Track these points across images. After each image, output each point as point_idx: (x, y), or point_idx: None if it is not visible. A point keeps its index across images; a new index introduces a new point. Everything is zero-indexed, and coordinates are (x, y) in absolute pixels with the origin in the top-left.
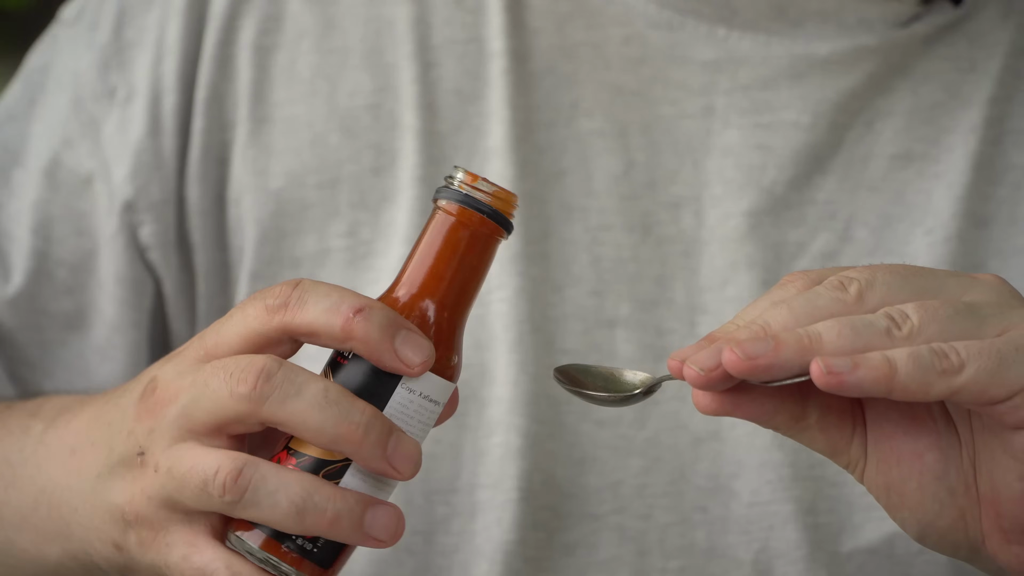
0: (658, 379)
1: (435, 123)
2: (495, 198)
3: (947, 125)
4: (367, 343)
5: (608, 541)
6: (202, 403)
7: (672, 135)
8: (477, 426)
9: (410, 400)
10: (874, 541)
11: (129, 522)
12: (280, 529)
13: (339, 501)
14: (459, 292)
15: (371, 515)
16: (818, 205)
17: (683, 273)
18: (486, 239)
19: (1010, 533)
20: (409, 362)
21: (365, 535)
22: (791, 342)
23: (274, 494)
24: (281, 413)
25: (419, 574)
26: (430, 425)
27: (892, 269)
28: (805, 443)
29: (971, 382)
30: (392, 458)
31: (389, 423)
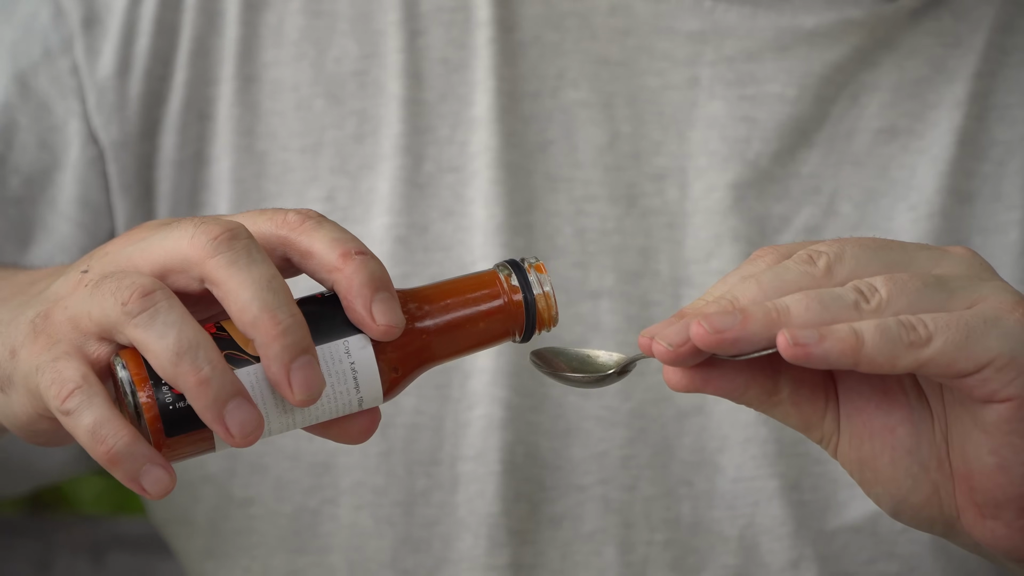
0: (631, 359)
1: (420, 92)
2: (545, 299)
3: (932, 100)
4: (350, 281)
5: (593, 513)
6: (163, 243)
7: (657, 106)
8: (460, 398)
9: (340, 360)
10: (858, 519)
11: (37, 326)
12: (155, 365)
13: (218, 370)
14: (447, 337)
15: (236, 403)
16: (802, 179)
17: (667, 245)
18: (507, 321)
19: (984, 508)
20: (376, 317)
21: (219, 417)
22: (759, 315)
23: (168, 327)
24: (222, 273)
25: (400, 546)
26: (327, 410)
27: (861, 242)
28: (778, 418)
29: (939, 355)
30: (295, 374)
31: (309, 341)
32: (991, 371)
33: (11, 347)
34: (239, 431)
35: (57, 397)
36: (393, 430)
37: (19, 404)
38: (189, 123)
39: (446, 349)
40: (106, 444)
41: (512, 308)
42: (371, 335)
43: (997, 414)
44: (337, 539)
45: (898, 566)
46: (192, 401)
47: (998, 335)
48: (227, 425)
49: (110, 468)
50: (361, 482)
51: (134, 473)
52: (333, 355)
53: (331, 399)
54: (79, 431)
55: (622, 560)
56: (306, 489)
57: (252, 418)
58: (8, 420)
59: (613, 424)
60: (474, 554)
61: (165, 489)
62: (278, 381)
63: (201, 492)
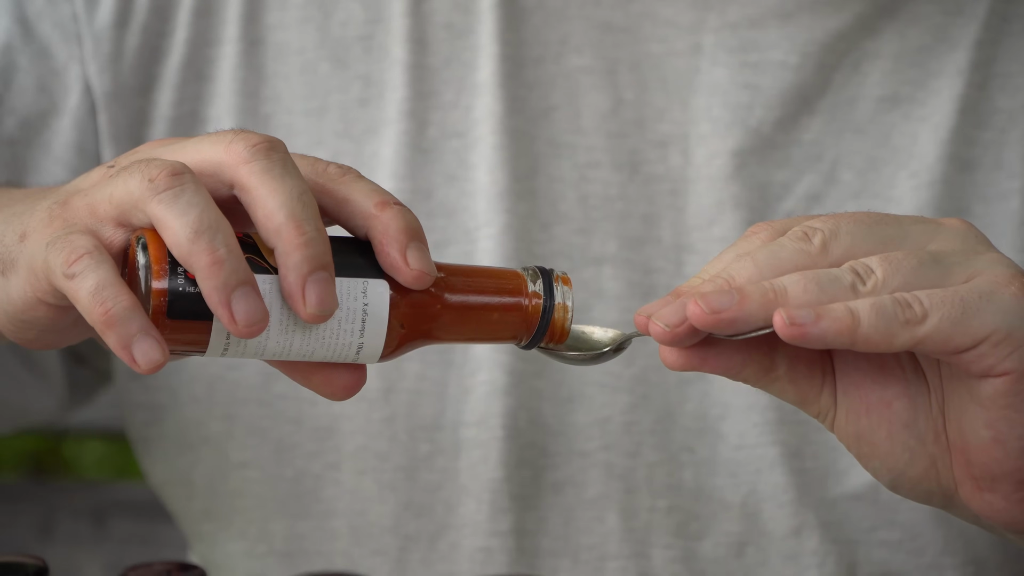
0: (627, 336)
1: (425, 57)
2: (563, 310)
3: (934, 68)
4: (387, 227)
5: (595, 479)
6: (198, 147)
7: (660, 72)
8: (463, 363)
9: (354, 298)
10: (860, 487)
11: (53, 212)
12: (171, 243)
13: (234, 256)
14: (460, 316)
15: (245, 291)
16: (804, 146)
17: (670, 212)
18: (521, 320)
19: (980, 481)
20: (410, 262)
21: (226, 301)
22: (756, 295)
23: (191, 206)
24: (255, 179)
25: (402, 511)
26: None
27: (856, 218)
28: (776, 394)
29: (935, 332)
30: (310, 286)
31: (330, 260)
32: (987, 346)
33: (22, 232)
34: (244, 319)
35: (65, 262)
36: (396, 395)
37: (17, 288)
38: (187, 81)
39: (454, 327)
40: (105, 306)
41: (530, 309)
42: (402, 279)
43: (993, 388)
44: (339, 504)
45: (899, 534)
46: (203, 282)
47: (994, 310)
48: (233, 310)
49: (105, 331)
50: (364, 447)
51: (127, 339)
52: (349, 291)
53: (333, 336)
54: (81, 293)
55: (624, 526)
56: (309, 454)
57: (258, 309)
58: (1, 306)
59: (616, 390)
60: (476, 520)
61: (154, 362)
62: (292, 292)
63: (200, 454)
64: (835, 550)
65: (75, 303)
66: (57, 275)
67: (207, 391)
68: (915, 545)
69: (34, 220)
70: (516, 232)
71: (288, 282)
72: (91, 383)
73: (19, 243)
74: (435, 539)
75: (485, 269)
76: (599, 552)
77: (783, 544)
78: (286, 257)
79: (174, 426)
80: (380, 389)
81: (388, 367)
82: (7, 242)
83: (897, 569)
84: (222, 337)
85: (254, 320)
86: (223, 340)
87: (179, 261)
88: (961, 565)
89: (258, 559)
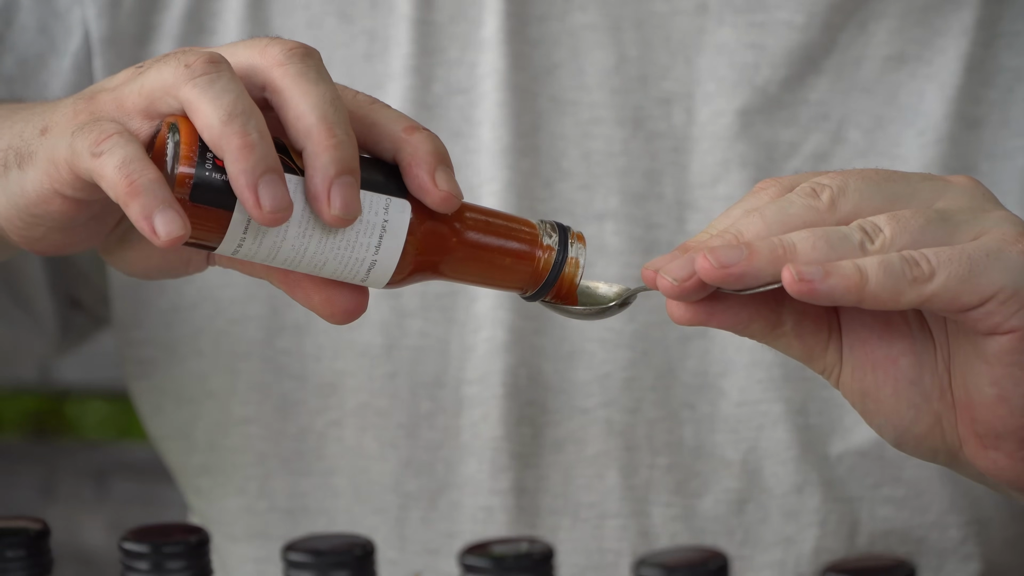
0: (633, 291)
1: (430, 13)
2: (571, 266)
3: (940, 27)
4: (416, 149)
5: (596, 436)
6: (233, 51)
7: (665, 31)
8: (465, 321)
9: (376, 213)
10: (864, 443)
11: (78, 107)
12: (203, 126)
13: (265, 141)
14: (473, 252)
15: (272, 178)
16: (811, 105)
17: (673, 169)
18: (530, 268)
19: (985, 438)
20: (439, 184)
21: (253, 184)
22: (765, 251)
23: (226, 91)
24: (288, 81)
25: (403, 469)
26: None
27: (864, 175)
28: (781, 349)
29: (942, 289)
30: (336, 189)
31: (357, 168)
32: (994, 304)
33: (43, 126)
34: (270, 204)
35: (94, 142)
36: (398, 352)
37: (34, 180)
38: (189, 34)
39: (465, 265)
40: (131, 177)
41: (542, 260)
42: (430, 200)
43: (999, 346)
44: (341, 462)
45: (904, 491)
46: (232, 164)
47: (1001, 268)
48: (259, 195)
49: (128, 202)
50: (366, 404)
51: (150, 210)
52: (372, 205)
53: (348, 247)
54: (107, 168)
55: (624, 483)
56: (312, 410)
57: (284, 197)
58: (12, 200)
59: (616, 346)
60: (477, 478)
61: (174, 234)
62: (318, 193)
63: (201, 408)
64: (837, 508)
65: (100, 180)
66: (83, 156)
67: (210, 345)
68: (919, 503)
69: (57, 115)
70: (519, 188)
71: (314, 183)
72: (84, 327)
73: (39, 136)
74: (435, 497)
75: (504, 213)
76: (599, 510)
77: (784, 501)
78: (314, 158)
79: (175, 380)
80: (382, 346)
81: (391, 323)
82: (26, 136)
83: (900, 527)
84: (239, 230)
85: (279, 207)
86: (240, 234)
87: (209, 145)
88: (965, 524)
89: (259, 515)
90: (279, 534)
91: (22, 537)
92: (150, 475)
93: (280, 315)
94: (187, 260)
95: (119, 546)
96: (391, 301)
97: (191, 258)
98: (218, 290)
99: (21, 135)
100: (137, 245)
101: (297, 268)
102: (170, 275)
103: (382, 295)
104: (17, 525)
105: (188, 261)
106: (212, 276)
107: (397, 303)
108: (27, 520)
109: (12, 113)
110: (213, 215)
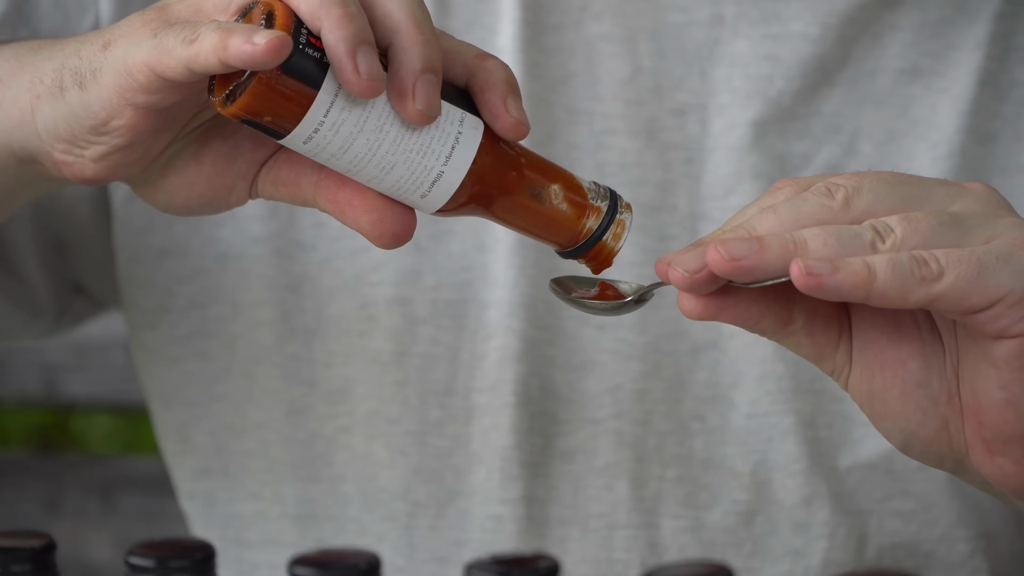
0: (649, 287)
1: (447, 20)
2: (617, 227)
3: (954, 40)
4: (489, 74)
5: (606, 447)
6: None
7: (680, 42)
8: (476, 329)
9: (452, 123)
10: (873, 456)
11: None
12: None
13: (363, 16)
14: (530, 190)
15: (369, 50)
16: (824, 117)
17: (686, 180)
18: (579, 219)
19: (992, 444)
20: (511, 110)
21: (352, 52)
22: (775, 245)
23: None
24: None
25: (412, 477)
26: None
27: (880, 176)
28: (791, 348)
29: (950, 290)
30: (420, 85)
31: (440, 68)
32: (1003, 307)
33: (104, 41)
34: (368, 72)
35: (190, 34)
36: (408, 359)
37: (98, 97)
38: None
39: (520, 203)
40: (230, 32)
41: (591, 215)
42: (500, 124)
43: (1007, 350)
44: (350, 469)
45: (912, 504)
46: (331, 32)
47: (1010, 272)
48: (358, 62)
49: (226, 42)
50: (375, 411)
51: (249, 34)
52: (449, 114)
53: (420, 152)
54: (204, 44)
55: (634, 495)
56: (321, 417)
57: (379, 67)
58: (75, 120)
59: (628, 357)
60: (487, 487)
61: (278, 46)
62: (404, 87)
63: (211, 411)
64: (846, 520)
65: (196, 60)
66: (175, 49)
67: (225, 350)
68: (928, 516)
69: (123, 29)
70: None
71: (400, 76)
72: (82, 310)
73: (102, 52)
74: (444, 505)
75: (562, 168)
76: (608, 520)
77: (793, 513)
78: (402, 52)
79: (169, 382)
80: (393, 353)
81: (401, 330)
82: (86, 55)
83: (908, 540)
84: (320, 112)
85: (376, 76)
86: (320, 117)
87: (307, 17)
88: (973, 538)
89: (272, 521)
90: (289, 540)
91: (28, 552)
92: (156, 490)
93: (291, 320)
94: (231, 187)
95: (125, 560)
96: (402, 308)
97: (236, 183)
98: (231, 294)
99: (78, 53)
100: (183, 170)
101: (362, 172)
102: (211, 206)
103: (392, 301)
104: (23, 540)
105: (231, 188)
106: (225, 277)
107: (408, 309)
108: (33, 535)
109: (61, 41)
110: (299, 92)
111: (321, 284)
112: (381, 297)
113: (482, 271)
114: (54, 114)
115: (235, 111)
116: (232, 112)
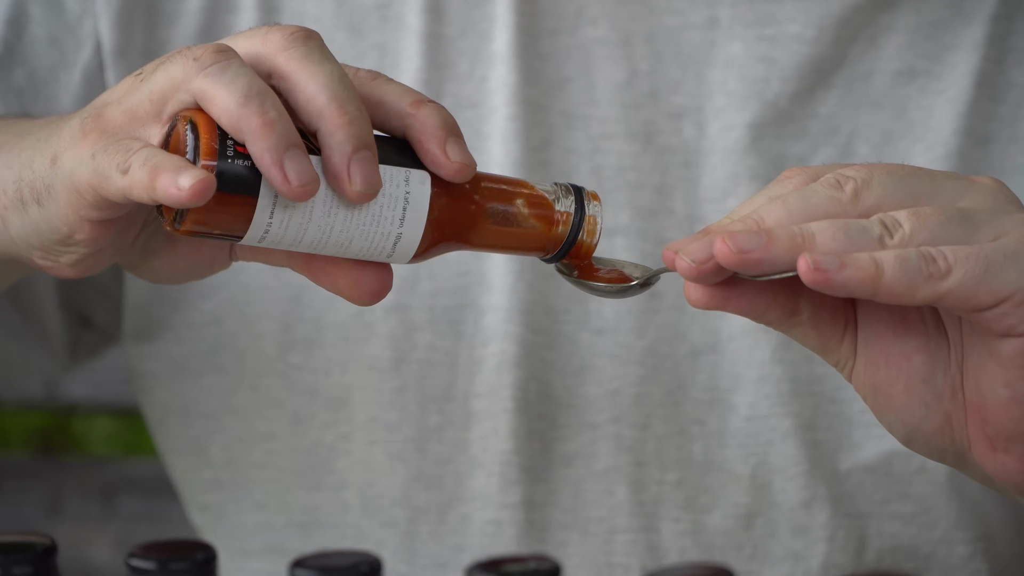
0: (655, 271)
1: (441, 27)
2: (589, 224)
3: (950, 42)
4: (424, 123)
5: (605, 451)
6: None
7: (675, 45)
8: (473, 334)
9: (397, 185)
10: (873, 459)
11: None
12: (220, 111)
13: (284, 119)
14: (493, 218)
15: (296, 153)
16: (820, 119)
17: (683, 183)
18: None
19: (995, 440)
20: (451, 155)
21: (279, 161)
22: (783, 238)
23: (239, 76)
24: (294, 64)
25: (412, 483)
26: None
27: (890, 169)
28: (796, 339)
29: (958, 287)
30: (355, 165)
31: (373, 142)
32: (1009, 305)
33: (52, 155)
34: (297, 178)
35: (122, 161)
36: (407, 366)
37: (57, 213)
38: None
39: (487, 230)
40: (157, 170)
41: (560, 220)
42: (444, 172)
43: (1013, 348)
44: (351, 475)
45: (912, 507)
46: (254, 144)
47: (1018, 270)
48: (285, 170)
49: (153, 184)
50: (375, 418)
51: (173, 177)
52: (392, 178)
53: (373, 222)
54: (137, 175)
55: (634, 499)
56: (322, 425)
57: (310, 170)
58: (39, 235)
59: (626, 362)
60: (486, 492)
61: (201, 189)
62: (338, 170)
63: (225, 423)
64: (845, 523)
65: (131, 191)
66: (111, 176)
67: (230, 361)
68: (927, 519)
69: (64, 140)
70: None
71: (333, 162)
72: (93, 345)
73: (51, 167)
74: (444, 511)
75: (519, 179)
76: (608, 525)
77: (792, 516)
78: (330, 137)
79: (188, 396)
80: (391, 359)
81: (399, 337)
82: (37, 169)
83: (908, 543)
84: (265, 216)
85: (307, 179)
86: (266, 219)
87: (229, 130)
88: (972, 540)
89: (277, 531)
90: (292, 548)
91: (29, 554)
92: (157, 492)
93: (292, 330)
94: (211, 258)
95: (126, 563)
96: (399, 314)
97: (216, 255)
98: (239, 307)
99: (31, 166)
100: (161, 252)
101: (324, 250)
102: (196, 275)
103: (390, 308)
104: (24, 541)
105: (213, 259)
106: (228, 292)
107: (405, 316)
108: (34, 537)
109: (18, 139)
110: (238, 203)
111: (320, 293)
112: (379, 304)
113: (479, 277)
114: (23, 228)
115: (185, 231)
116: (183, 232)
